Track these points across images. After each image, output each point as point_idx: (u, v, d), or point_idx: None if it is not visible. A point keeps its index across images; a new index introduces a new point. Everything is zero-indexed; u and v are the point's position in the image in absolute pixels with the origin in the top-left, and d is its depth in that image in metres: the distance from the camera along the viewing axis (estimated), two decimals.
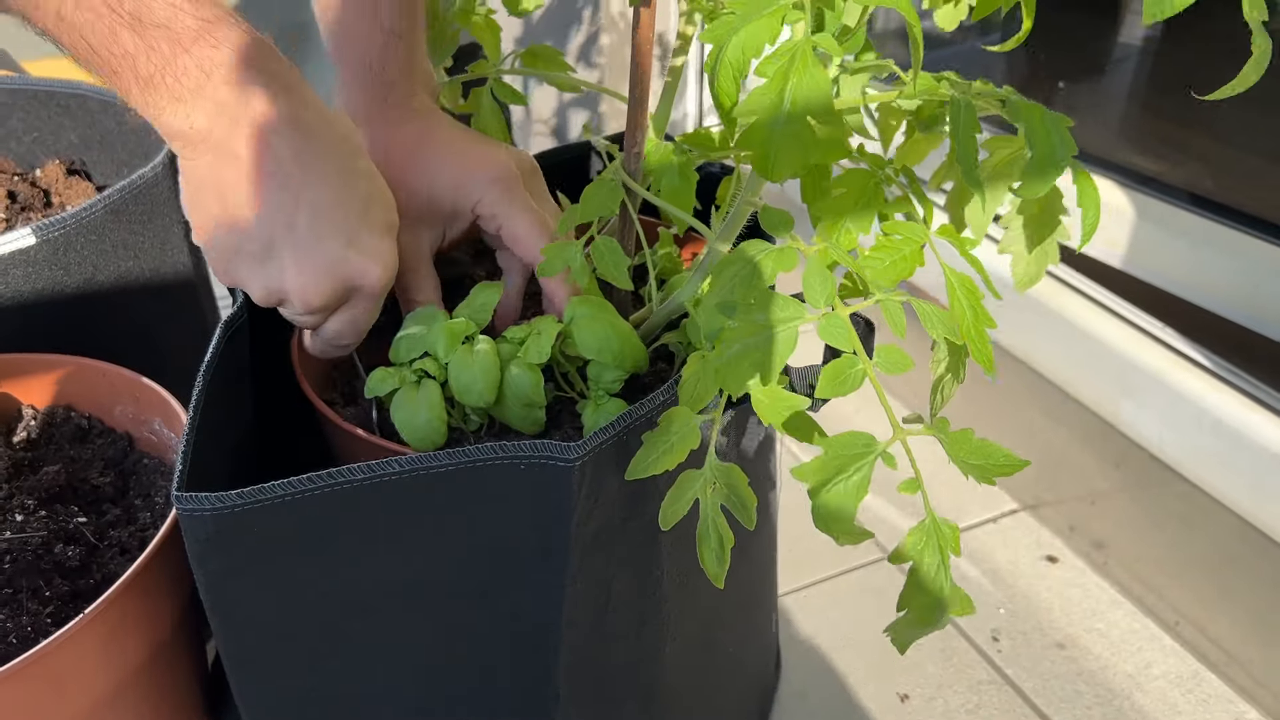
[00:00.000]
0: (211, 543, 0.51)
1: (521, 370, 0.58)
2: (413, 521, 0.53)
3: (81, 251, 0.75)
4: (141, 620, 0.57)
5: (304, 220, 0.55)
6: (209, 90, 0.52)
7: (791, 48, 0.44)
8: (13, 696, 0.51)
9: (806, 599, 0.98)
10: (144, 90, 0.51)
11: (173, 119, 0.52)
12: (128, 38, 0.50)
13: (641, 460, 0.54)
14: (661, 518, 0.53)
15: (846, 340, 0.49)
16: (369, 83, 0.67)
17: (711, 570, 0.53)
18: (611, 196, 0.64)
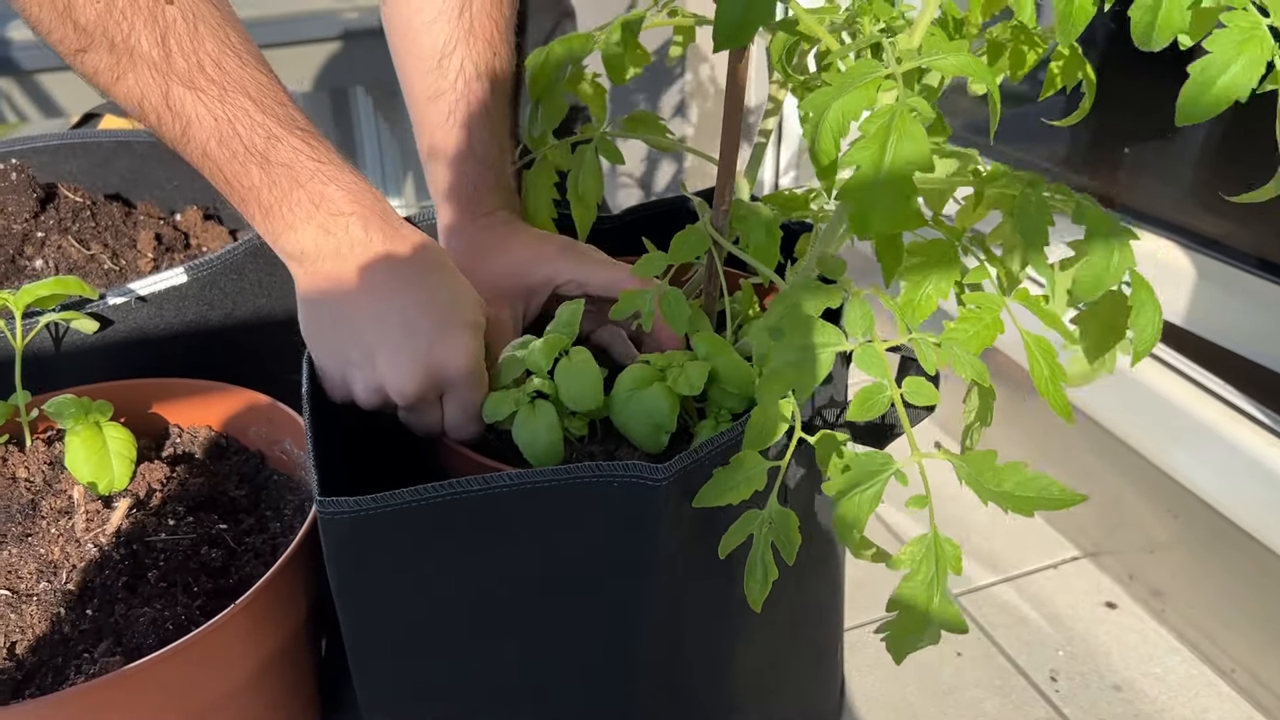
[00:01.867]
0: (345, 542, 0.59)
1: (660, 394, 0.64)
2: (518, 530, 0.60)
3: (224, 289, 0.84)
4: (275, 616, 0.65)
5: (395, 323, 0.64)
6: (317, 219, 0.63)
7: (890, 110, 0.51)
8: (171, 673, 0.59)
9: (868, 635, 1.03)
10: (265, 217, 0.63)
11: (286, 243, 0.63)
12: (256, 173, 0.61)
13: (709, 491, 0.60)
14: (721, 547, 0.60)
15: (879, 369, 0.55)
16: (464, 202, 0.78)
17: (752, 597, 0.59)
18: (698, 244, 0.71)
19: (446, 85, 0.75)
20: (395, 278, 0.64)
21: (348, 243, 0.63)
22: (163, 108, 0.59)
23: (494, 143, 0.78)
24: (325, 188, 0.63)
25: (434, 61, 0.75)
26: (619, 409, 0.66)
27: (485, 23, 0.76)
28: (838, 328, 0.55)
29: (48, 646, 0.62)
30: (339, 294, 0.64)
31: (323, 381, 0.67)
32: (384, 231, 0.65)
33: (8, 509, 0.71)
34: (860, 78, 0.53)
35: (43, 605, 0.64)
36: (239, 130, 0.60)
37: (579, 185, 0.79)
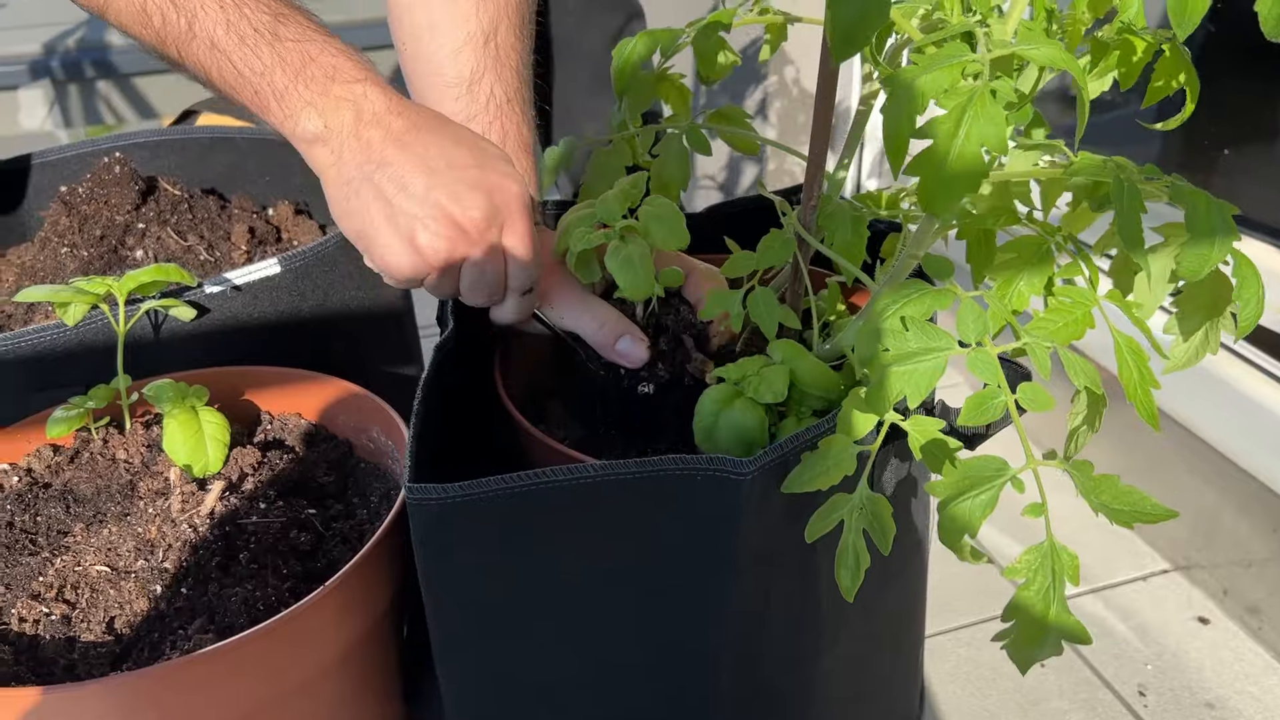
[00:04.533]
0: (434, 527, 0.59)
1: (747, 409, 0.64)
2: (602, 521, 0.61)
3: (315, 280, 0.86)
4: (362, 600, 0.66)
5: (442, 165, 0.63)
6: (334, 91, 0.62)
7: (970, 89, 0.50)
8: (262, 652, 0.60)
9: (949, 643, 1.01)
10: (280, 102, 0.62)
11: (308, 123, 0.62)
12: (267, 53, 0.60)
13: (798, 476, 0.60)
14: (808, 531, 0.59)
15: (992, 373, 0.54)
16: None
17: (844, 585, 0.58)
18: (785, 247, 0.70)
19: (479, 109, 0.75)
20: (423, 129, 0.64)
21: (369, 110, 0.63)
22: (167, 4, 0.60)
23: (529, 164, 0.78)
24: (336, 59, 0.63)
25: (464, 88, 0.75)
26: (708, 434, 0.66)
27: (510, 53, 0.77)
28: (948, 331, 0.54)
29: (144, 622, 0.64)
30: (376, 159, 0.62)
31: (388, 259, 0.64)
32: (395, 94, 0.65)
33: (108, 489, 0.73)
34: (945, 59, 0.52)
35: (140, 582, 0.66)
36: (246, 12, 0.60)
37: (664, 172, 0.79)
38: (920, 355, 0.52)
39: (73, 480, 0.74)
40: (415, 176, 0.62)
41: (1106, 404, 0.59)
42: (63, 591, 0.66)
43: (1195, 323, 0.65)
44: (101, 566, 0.67)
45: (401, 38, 0.77)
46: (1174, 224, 0.64)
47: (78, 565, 0.67)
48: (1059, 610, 0.49)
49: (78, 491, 0.73)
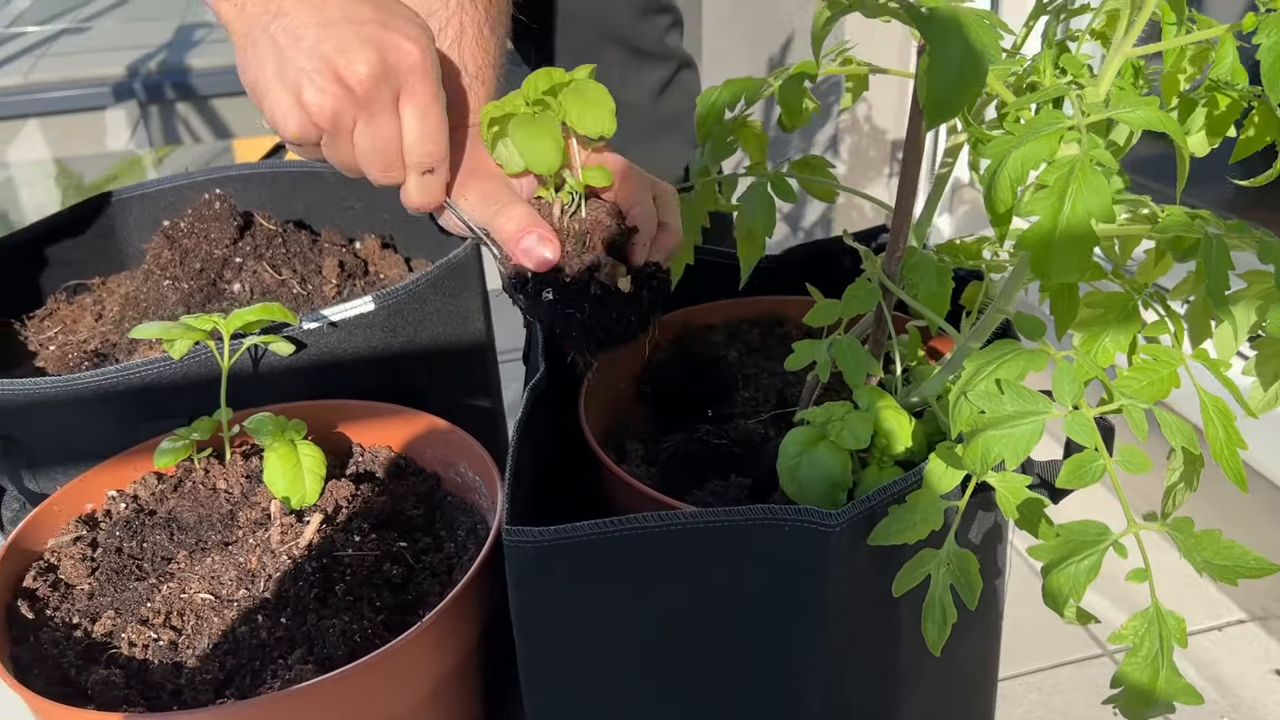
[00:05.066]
0: (529, 569, 0.61)
1: (830, 452, 0.65)
2: (690, 567, 0.62)
3: (406, 316, 0.89)
4: (455, 635, 0.68)
5: (338, 16, 0.62)
6: None
7: (1071, 161, 0.51)
8: (362, 686, 0.63)
9: (1020, 687, 1.01)
10: None
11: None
12: None
13: (885, 529, 0.61)
14: (895, 585, 0.60)
15: (1090, 437, 0.54)
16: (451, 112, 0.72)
17: (930, 639, 0.59)
18: (870, 297, 0.72)
19: (439, 3, 0.74)
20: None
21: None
22: None
23: (487, 62, 0.76)
24: None
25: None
26: (792, 474, 0.67)
27: None
28: (1044, 394, 0.55)
29: (246, 650, 0.66)
30: (274, 9, 0.62)
31: (276, 116, 0.63)
32: None
33: (209, 518, 0.76)
34: (1043, 127, 0.53)
35: (242, 611, 0.68)
36: None
37: (750, 220, 0.81)
38: (1017, 419, 0.53)
39: (176, 508, 0.77)
40: (308, 28, 0.61)
41: (1204, 464, 0.59)
42: (169, 618, 0.68)
43: (1275, 367, 0.65)
44: (206, 594, 0.70)
45: None
46: (1258, 272, 0.64)
47: (183, 592, 0.70)
48: (1169, 675, 0.50)
49: (181, 519, 0.76)
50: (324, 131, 0.63)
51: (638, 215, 0.71)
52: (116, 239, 1.13)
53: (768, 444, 0.80)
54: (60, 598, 0.71)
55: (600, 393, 0.84)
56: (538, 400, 0.73)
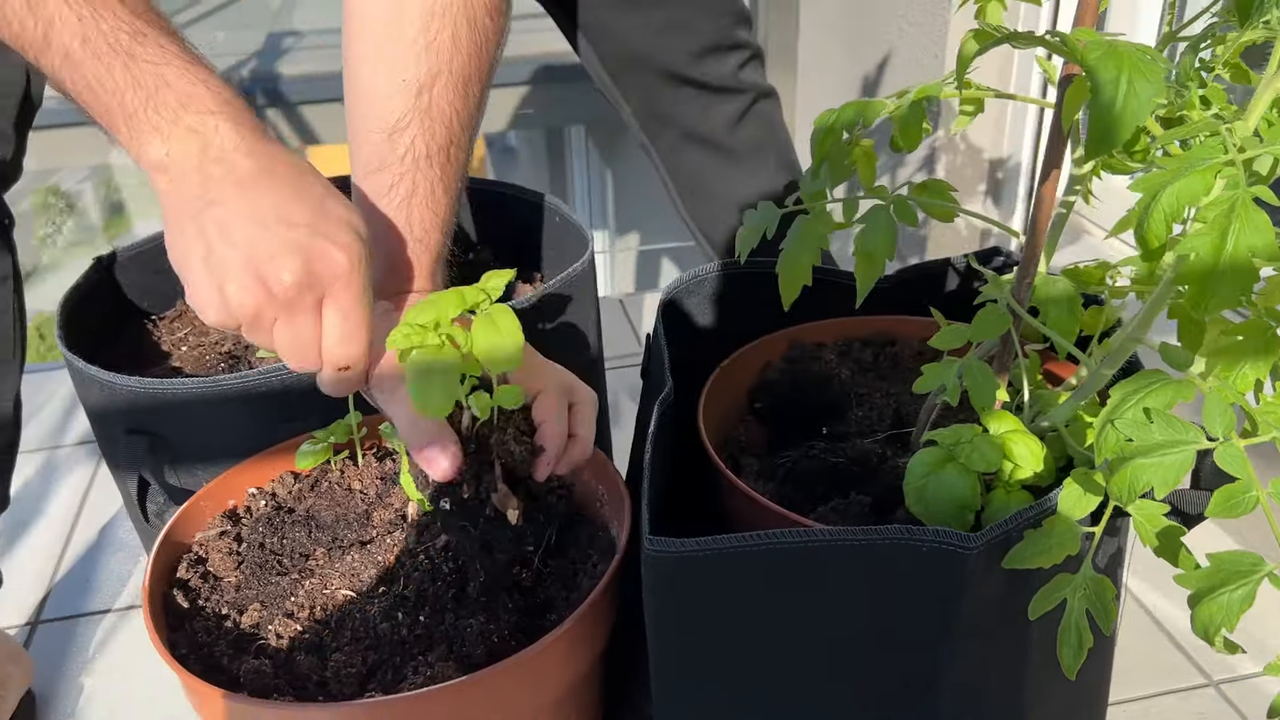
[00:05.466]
0: (668, 579, 0.63)
1: (959, 473, 0.66)
2: (826, 584, 0.63)
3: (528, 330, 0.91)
4: (587, 640, 0.70)
5: (271, 218, 0.60)
6: (185, 121, 0.59)
7: (1231, 197, 0.51)
8: (501, 686, 0.65)
9: (1121, 715, 1.00)
10: (128, 123, 0.60)
11: (152, 150, 0.60)
12: (120, 72, 0.59)
13: (1020, 553, 0.62)
14: (1031, 608, 0.61)
15: (1242, 468, 0.55)
16: (393, 277, 0.74)
17: (1066, 663, 0.60)
18: (1000, 322, 0.73)
19: (394, 159, 0.72)
20: (269, 176, 0.61)
21: (217, 145, 0.60)
22: (24, 11, 0.58)
23: (435, 225, 0.75)
24: (193, 87, 0.60)
25: (385, 134, 0.72)
26: (919, 495, 0.68)
27: (444, 108, 0.73)
28: (1195, 424, 0.55)
29: (387, 646, 0.69)
30: (210, 199, 0.60)
31: (198, 300, 0.62)
32: (254, 133, 0.62)
33: (345, 517, 0.80)
34: (1198, 162, 0.54)
35: (382, 608, 0.71)
36: (103, 28, 0.58)
37: (868, 242, 0.82)
38: (1166, 448, 0.54)
39: (314, 507, 0.80)
40: (239, 224, 0.60)
41: None
42: (313, 612, 0.72)
43: None
44: (347, 590, 0.73)
45: (346, 63, 0.75)
46: None
47: (324, 588, 0.73)
48: None
49: (319, 518, 0.79)
50: (243, 324, 0.62)
51: (547, 433, 0.72)
52: None
53: (885, 464, 0.81)
54: (210, 589, 0.74)
55: (712, 408, 0.86)
56: (665, 414, 0.75)
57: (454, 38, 0.73)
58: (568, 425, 0.73)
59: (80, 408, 1.55)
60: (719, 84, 1.18)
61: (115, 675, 1.10)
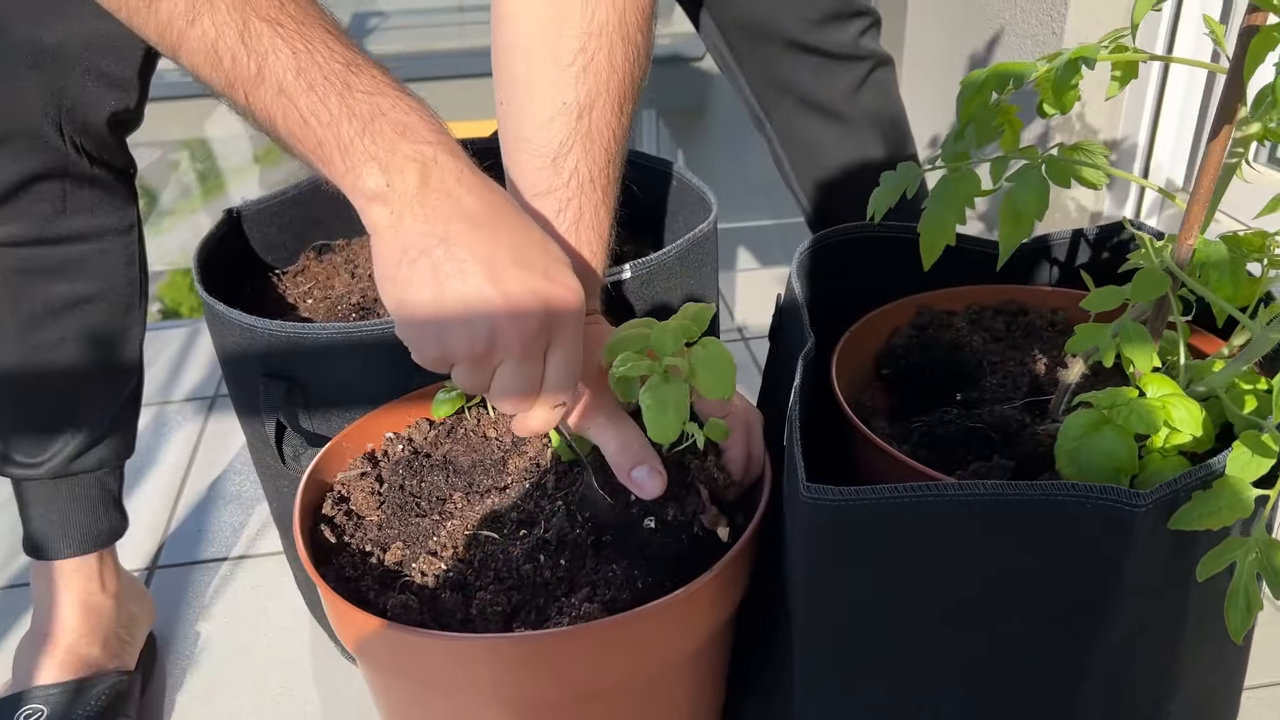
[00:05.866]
0: (823, 528, 0.63)
1: (1117, 436, 0.65)
2: (983, 539, 0.63)
3: (656, 287, 0.92)
4: (727, 592, 0.70)
5: (507, 259, 0.59)
6: (403, 149, 0.58)
7: None
8: (645, 630, 0.65)
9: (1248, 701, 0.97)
10: (344, 154, 0.57)
11: (369, 179, 0.57)
12: (335, 102, 0.57)
13: (1188, 513, 0.61)
14: (1199, 570, 0.60)
15: None
16: None
17: (1233, 627, 0.59)
18: (1159, 284, 0.71)
19: (559, 183, 0.73)
20: (495, 214, 0.60)
21: (437, 176, 0.58)
22: (238, 46, 0.57)
23: (600, 246, 0.76)
24: (408, 117, 0.59)
25: (548, 159, 0.72)
26: (1070, 458, 0.67)
27: (603, 129, 0.73)
28: None
29: (530, 587, 0.70)
30: (440, 233, 0.58)
31: (419, 341, 0.61)
32: (470, 165, 0.60)
33: (482, 463, 0.80)
34: None
35: (524, 550, 0.72)
36: (318, 60, 0.57)
37: (1018, 201, 0.80)
38: None
39: (450, 453, 0.81)
40: (477, 267, 0.58)
41: None
42: (456, 551, 0.72)
43: None
44: (489, 532, 0.73)
45: (499, 83, 0.74)
46: None
47: (466, 529, 0.74)
48: None
49: (456, 463, 0.80)
50: (465, 364, 0.61)
51: (734, 458, 0.75)
52: None
53: (1025, 430, 0.80)
54: (354, 526, 0.75)
55: (839, 373, 0.85)
56: (808, 368, 0.74)
57: (610, 58, 0.73)
58: (745, 448, 0.76)
59: (187, 365, 1.59)
60: (839, 51, 1.17)
61: (231, 621, 1.13)
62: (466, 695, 0.67)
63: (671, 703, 0.72)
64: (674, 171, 1.12)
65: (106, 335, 0.96)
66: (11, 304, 0.90)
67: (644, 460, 0.70)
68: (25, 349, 0.92)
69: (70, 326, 0.93)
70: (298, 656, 1.07)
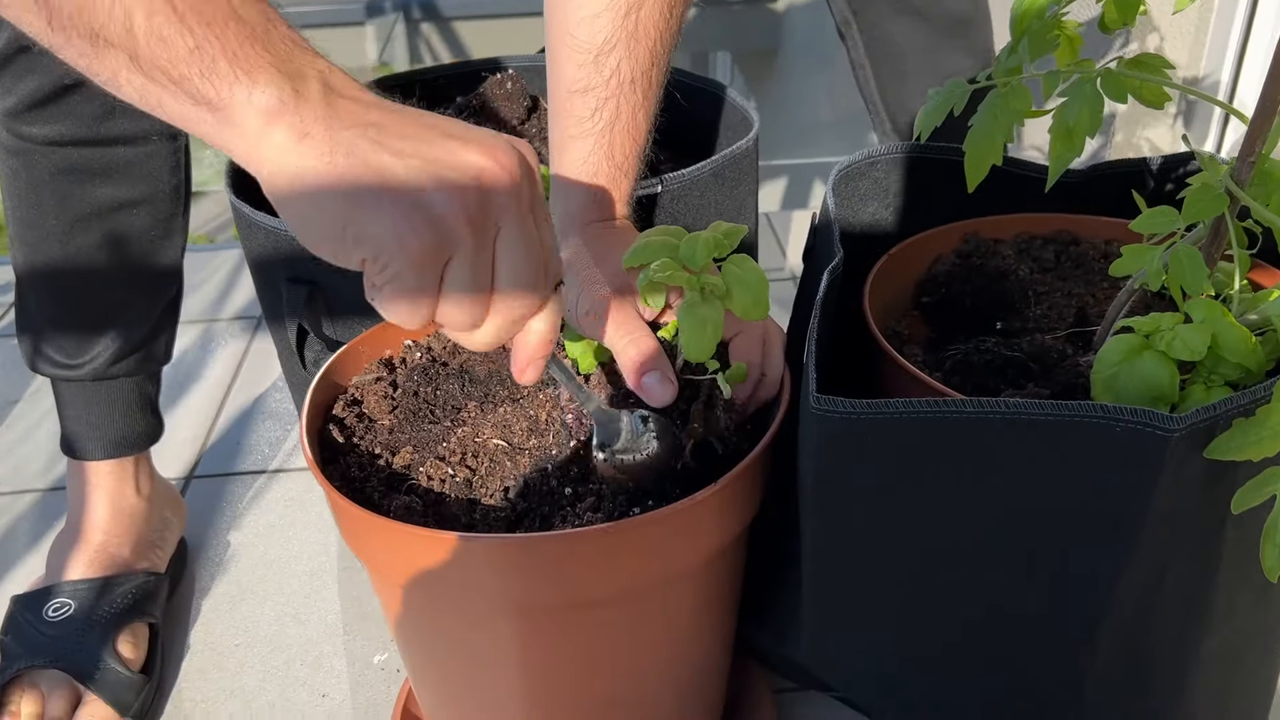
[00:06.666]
0: (833, 442, 0.60)
1: (1158, 361, 0.61)
2: (1000, 463, 0.59)
3: (688, 202, 0.89)
4: (736, 506, 0.68)
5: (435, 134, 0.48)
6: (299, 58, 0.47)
7: None
8: (645, 539, 0.63)
9: None
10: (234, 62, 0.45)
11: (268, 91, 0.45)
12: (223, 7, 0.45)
13: (1226, 442, 0.57)
14: (1235, 501, 0.56)
15: None
16: (592, 200, 0.74)
17: (1268, 564, 0.55)
18: (1216, 203, 0.66)
19: (599, 81, 0.71)
20: (419, 114, 0.50)
21: (340, 84, 0.48)
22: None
23: (634, 152, 0.74)
24: (294, 33, 0.48)
25: (590, 55, 0.71)
26: (1107, 385, 0.63)
27: (649, 30, 0.71)
28: None
29: (536, 495, 0.68)
30: (364, 120, 0.47)
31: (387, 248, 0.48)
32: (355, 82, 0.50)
33: (498, 374, 0.79)
34: None
35: (533, 459, 0.70)
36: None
37: (1070, 115, 0.75)
38: None
39: (468, 362, 0.80)
40: (410, 144, 0.47)
41: None
42: (465, 458, 0.71)
43: None
44: (498, 440, 0.72)
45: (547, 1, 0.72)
46: None
47: (476, 436, 0.73)
48: None
49: (472, 372, 0.79)
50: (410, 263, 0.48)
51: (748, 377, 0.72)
52: None
53: (1065, 361, 0.76)
54: (365, 429, 0.74)
55: (876, 298, 0.82)
56: (833, 283, 0.71)
57: None
58: (760, 366, 0.73)
59: (238, 286, 1.61)
60: None
61: (262, 532, 1.14)
62: (467, 601, 0.66)
63: (676, 618, 0.70)
64: (725, 95, 1.09)
65: (149, 240, 0.96)
66: (57, 205, 0.91)
67: (656, 366, 0.68)
68: (69, 250, 0.92)
69: (113, 230, 0.93)
70: (323, 568, 1.08)
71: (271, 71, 0.46)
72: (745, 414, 0.73)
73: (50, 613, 0.94)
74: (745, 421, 0.73)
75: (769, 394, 0.73)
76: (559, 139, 0.77)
